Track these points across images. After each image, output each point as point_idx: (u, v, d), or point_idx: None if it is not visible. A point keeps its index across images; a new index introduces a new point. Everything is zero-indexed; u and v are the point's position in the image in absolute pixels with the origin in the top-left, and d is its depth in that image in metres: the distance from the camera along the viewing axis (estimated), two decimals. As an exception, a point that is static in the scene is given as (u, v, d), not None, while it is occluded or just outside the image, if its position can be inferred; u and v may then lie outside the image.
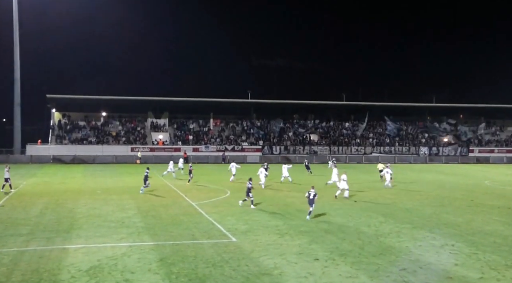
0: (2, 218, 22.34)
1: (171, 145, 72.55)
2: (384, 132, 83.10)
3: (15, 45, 66.75)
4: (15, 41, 66.58)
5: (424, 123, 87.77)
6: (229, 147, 72.65)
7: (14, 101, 67.98)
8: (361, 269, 14.42)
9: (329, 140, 79.35)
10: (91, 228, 20.09)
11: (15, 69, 67.21)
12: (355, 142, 79.50)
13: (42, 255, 15.71)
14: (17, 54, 67.06)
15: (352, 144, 78.59)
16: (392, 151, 77.61)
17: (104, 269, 14.23)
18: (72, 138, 70.88)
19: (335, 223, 21.68)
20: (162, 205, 26.62)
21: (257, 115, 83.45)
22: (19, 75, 67.47)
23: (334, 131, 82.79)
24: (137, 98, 76.28)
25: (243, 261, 15.23)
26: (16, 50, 66.90)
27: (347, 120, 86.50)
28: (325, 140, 79.43)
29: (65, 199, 28.82)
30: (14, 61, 67.13)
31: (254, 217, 23.11)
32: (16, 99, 67.78)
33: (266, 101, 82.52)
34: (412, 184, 39.57)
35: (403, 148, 78.47)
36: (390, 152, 77.01)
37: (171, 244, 17.41)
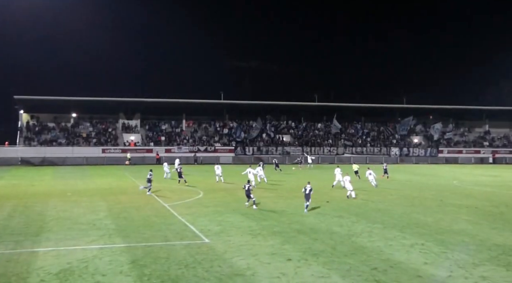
0: (-32, 221, 21.79)
1: (143, 146, 71.90)
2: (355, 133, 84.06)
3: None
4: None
5: (395, 124, 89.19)
6: (202, 147, 72.44)
7: (-19, 102, 66.40)
8: (333, 269, 14.57)
9: (301, 141, 79.87)
10: (61, 231, 19.75)
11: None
12: (327, 142, 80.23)
13: (9, 259, 15.38)
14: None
15: (325, 144, 79.30)
16: (364, 151, 78.62)
17: (75, 272, 14.01)
18: (41, 140, 69.55)
19: (308, 224, 21.82)
20: (134, 206, 26.36)
21: (230, 116, 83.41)
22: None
23: (306, 132, 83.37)
24: (108, 99, 75.32)
25: (216, 262, 15.21)
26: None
27: (320, 121, 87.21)
28: (297, 141, 79.92)
29: (34, 201, 28.26)
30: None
31: (227, 218, 23.10)
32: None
33: (239, 102, 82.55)
34: (384, 184, 40.11)
35: (375, 149, 79.59)
36: (362, 153, 77.99)
37: (143, 246, 17.26)
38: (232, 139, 76.79)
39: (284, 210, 25.73)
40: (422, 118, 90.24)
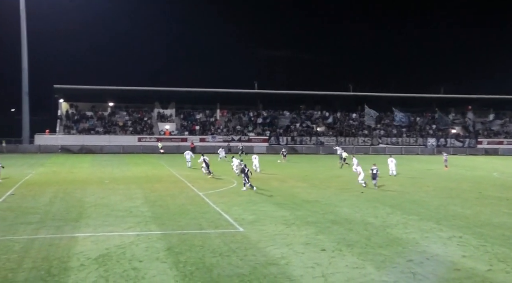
0: (13, 206, 22.57)
1: (178, 135, 72.71)
2: (391, 123, 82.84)
3: (22, 35, 66.96)
4: (22, 30, 66.76)
5: (432, 114, 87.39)
6: (236, 137, 72.72)
7: (22, 91, 68.35)
8: (368, 260, 14.46)
9: (336, 131, 79.22)
10: (100, 217, 20.23)
11: (23, 59, 67.49)
12: (362, 133, 79.34)
13: (51, 243, 15.87)
14: (25, 44, 67.30)
15: (359, 135, 78.46)
16: (400, 142, 77.43)
17: (113, 258, 14.35)
18: (80, 128, 71.23)
19: (342, 214, 21.70)
20: (169, 194, 26.75)
21: (263, 106, 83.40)
22: (26, 64, 67.75)
23: (341, 122, 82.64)
24: (144, 88, 76.35)
25: (250, 251, 15.30)
26: (23, 40, 67.10)
27: (354, 111, 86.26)
28: (332, 131, 79.31)
29: (74, 188, 29.02)
30: (22, 50, 67.39)
31: (261, 207, 23.18)
32: (24, 89, 68.15)
33: (272, 91, 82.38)
34: (419, 175, 39.49)
35: (411, 139, 78.26)
36: (397, 143, 76.84)
37: (178, 234, 17.51)
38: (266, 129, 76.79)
39: (318, 200, 25.65)
40: (461, 109, 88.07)
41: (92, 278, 12.56)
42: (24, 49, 67.29)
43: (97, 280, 12.46)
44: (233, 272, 13.21)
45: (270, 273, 13.22)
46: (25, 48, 67.39)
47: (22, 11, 66.22)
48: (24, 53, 67.40)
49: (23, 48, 67.28)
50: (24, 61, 67.49)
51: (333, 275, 13.05)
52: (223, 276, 12.87)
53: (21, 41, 67.18)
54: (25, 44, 67.28)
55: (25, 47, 67.29)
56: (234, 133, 74.66)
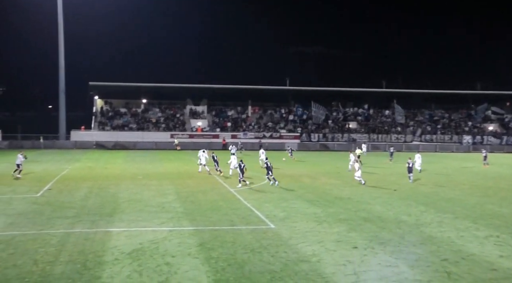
0: (50, 200, 23.17)
1: (209, 131, 73.20)
2: (425, 120, 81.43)
3: (60, 33, 68.47)
4: (59, 29, 68.27)
5: (468, 111, 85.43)
6: (267, 133, 72.75)
7: (59, 88, 69.99)
8: (401, 259, 14.25)
9: (368, 128, 78.33)
10: (133, 212, 20.56)
11: (60, 57, 69.05)
12: (395, 129, 78.21)
13: (87, 237, 16.22)
14: (62, 42, 68.82)
15: (392, 131, 77.36)
16: (434, 139, 76.01)
17: (146, 252, 14.56)
18: (114, 124, 72.49)
19: (375, 212, 21.46)
20: (200, 190, 26.96)
21: (295, 103, 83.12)
22: (63, 62, 69.27)
23: (373, 119, 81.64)
24: (176, 85, 77.09)
25: (282, 248, 15.30)
26: (60, 38, 68.63)
27: (387, 108, 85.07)
28: (364, 128, 78.45)
29: (108, 183, 29.57)
30: (59, 49, 68.96)
31: (292, 204, 23.14)
32: (61, 86, 69.76)
33: (304, 88, 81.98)
34: (455, 173, 38.68)
35: (445, 136, 76.72)
36: (431, 140, 75.44)
37: (210, 229, 17.64)
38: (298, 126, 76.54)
39: (350, 197, 25.43)
40: (498, 105, 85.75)
41: (126, 272, 12.78)
42: (61, 47, 68.82)
43: (131, 274, 12.67)
44: (264, 269, 13.23)
45: (302, 270, 13.19)
46: (62, 47, 68.91)
47: (60, 11, 67.72)
48: (61, 52, 68.94)
49: (60, 47, 68.83)
50: (61, 59, 69.04)
51: (365, 273, 12.93)
52: (254, 273, 12.91)
53: (58, 40, 68.73)
54: (62, 43, 68.80)
55: (62, 45, 68.82)
56: (266, 130, 74.68)
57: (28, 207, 21.53)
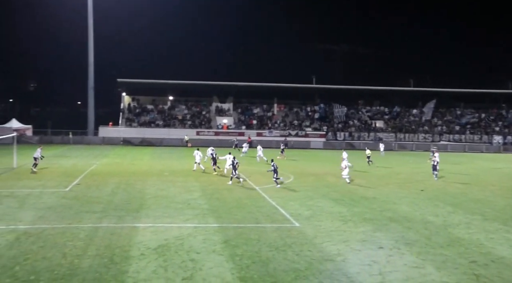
0: (79, 195, 23.60)
1: (235, 129, 73.40)
2: (454, 120, 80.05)
3: (89, 31, 69.50)
4: (89, 27, 69.31)
5: (499, 111, 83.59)
6: (293, 132, 72.57)
7: (88, 85, 71.11)
8: (428, 260, 14.05)
9: (395, 127, 77.41)
10: (159, 208, 20.78)
11: (89, 54, 70.11)
12: (423, 129, 77.09)
13: (114, 232, 16.47)
14: (91, 40, 69.84)
15: (419, 131, 76.28)
16: (463, 139, 74.65)
17: (171, 248, 14.70)
18: (141, 121, 73.32)
19: (401, 212, 21.21)
20: (225, 188, 27.07)
21: (321, 101, 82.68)
22: (92, 59, 70.31)
23: (400, 118, 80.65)
24: (202, 82, 77.49)
25: (306, 246, 15.26)
26: (90, 36, 69.67)
27: (415, 107, 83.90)
28: (391, 127, 77.57)
29: (135, 179, 29.94)
30: (88, 46, 70.02)
31: (317, 202, 23.04)
32: (90, 83, 70.86)
33: (330, 86, 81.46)
34: (484, 174, 37.92)
35: (475, 136, 75.27)
36: (460, 140, 74.12)
37: (235, 227, 17.70)
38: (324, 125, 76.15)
39: (376, 197, 25.19)
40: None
41: (152, 268, 12.93)
42: (90, 45, 69.84)
43: (157, 269, 12.81)
44: (289, 267, 13.22)
45: (326, 269, 13.13)
46: (92, 44, 69.93)
47: (90, 9, 68.73)
48: (91, 49, 69.97)
49: (90, 44, 69.85)
50: (91, 56, 70.09)
51: (391, 274, 12.80)
52: (279, 271, 12.91)
53: (88, 38, 69.75)
54: (92, 40, 69.82)
55: (91, 43, 69.84)
56: (291, 128, 74.50)
57: (57, 201, 21.98)
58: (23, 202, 21.62)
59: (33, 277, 12.09)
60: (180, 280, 12.11)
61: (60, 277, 12.11)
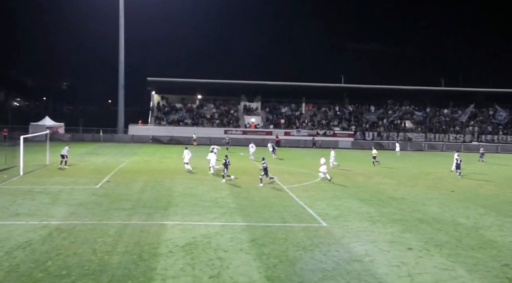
0: (108, 192, 24.00)
1: (263, 128, 73.43)
2: (486, 120, 78.28)
3: (120, 31, 70.47)
4: (120, 27, 70.28)
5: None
6: (321, 131, 72.19)
7: (118, 84, 72.16)
8: (459, 262, 13.80)
9: (425, 127, 76.20)
10: (187, 206, 20.96)
11: (120, 53, 71.09)
12: (454, 129, 75.65)
13: (142, 229, 16.69)
14: (122, 39, 70.80)
15: (450, 131, 74.87)
16: (495, 140, 72.96)
17: (199, 246, 14.82)
18: (170, 120, 74.03)
19: (430, 213, 20.88)
20: (253, 187, 27.10)
21: (350, 100, 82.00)
22: (123, 59, 71.31)
23: (430, 118, 79.34)
24: (230, 82, 77.71)
25: (334, 246, 15.17)
26: (121, 36, 70.65)
27: (446, 107, 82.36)
28: (420, 127, 76.39)
29: (163, 177, 30.25)
30: (119, 45, 71.01)
31: (345, 202, 22.88)
32: (120, 82, 71.89)
33: (359, 86, 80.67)
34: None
35: (508, 137, 73.46)
36: (492, 141, 72.46)
37: (262, 226, 17.72)
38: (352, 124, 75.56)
39: (405, 197, 24.86)
40: None
41: (180, 265, 13.06)
42: (121, 44, 70.78)
43: (184, 267, 12.93)
44: (316, 267, 13.17)
45: (354, 269, 13.04)
46: (122, 44, 70.89)
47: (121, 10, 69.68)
48: (121, 49, 70.92)
49: (121, 44, 70.77)
50: (121, 56, 71.05)
51: (420, 276, 12.62)
52: (306, 270, 12.88)
53: (119, 38, 70.73)
54: (123, 40, 70.78)
55: (122, 42, 70.79)
56: (319, 127, 74.12)
57: (88, 198, 22.40)
58: (55, 198, 22.12)
59: (64, 272, 12.36)
60: (208, 278, 12.19)
61: (91, 272, 12.34)
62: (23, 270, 12.46)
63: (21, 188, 24.47)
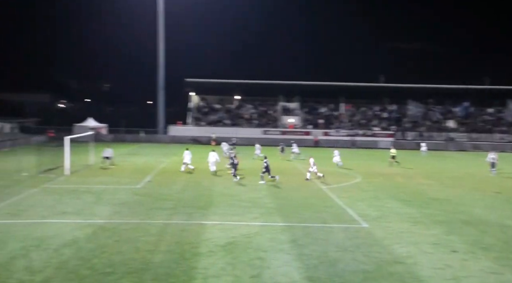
0: (150, 192, 24.43)
1: (301, 128, 73.14)
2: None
3: (160, 33, 71.58)
4: (159, 29, 71.39)
5: None
6: (360, 131, 71.31)
7: (158, 85, 73.34)
8: (507, 266, 13.37)
9: (468, 127, 74.16)
10: (226, 206, 21.10)
11: (159, 55, 72.22)
12: (499, 129, 73.29)
13: (183, 229, 16.90)
14: (161, 41, 71.90)
15: (496, 131, 72.57)
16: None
17: (239, 246, 14.89)
18: (209, 120, 74.70)
19: (476, 214, 20.33)
20: (292, 187, 27.04)
21: (390, 100, 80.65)
22: (162, 60, 72.43)
23: (474, 118, 77.15)
24: (268, 82, 77.62)
25: (375, 248, 14.97)
26: (160, 37, 71.76)
27: (490, 106, 79.87)
28: (463, 126, 74.39)
29: (202, 177, 30.55)
30: (159, 47, 72.15)
31: (386, 203, 22.54)
32: (160, 83, 73.05)
33: (399, 85, 79.12)
34: None
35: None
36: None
37: (302, 226, 17.66)
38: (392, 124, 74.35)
39: (448, 198, 24.28)
40: None
41: (220, 265, 13.16)
42: (161, 46, 71.90)
43: (225, 266, 13.02)
44: (357, 268, 13.03)
45: (396, 271, 12.83)
46: (162, 45, 71.98)
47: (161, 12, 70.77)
48: (161, 50, 72.01)
49: (160, 46, 71.90)
50: (161, 57, 72.18)
51: (466, 279, 12.31)
52: (347, 272, 12.75)
53: (158, 39, 71.87)
54: (162, 42, 71.87)
55: (161, 44, 71.88)
56: (358, 127, 73.25)
57: (130, 197, 22.86)
58: (99, 197, 22.67)
59: (109, 269, 12.65)
60: (248, 278, 12.24)
61: (134, 271, 12.59)
62: (70, 267, 12.83)
63: (67, 187, 25.21)
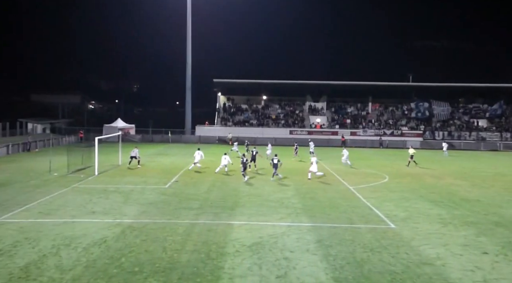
0: (177, 192, 24.65)
1: (328, 128, 72.75)
2: None
3: (188, 34, 72.21)
4: (187, 30, 72.01)
5: None
6: (388, 131, 70.53)
7: (186, 86, 73.98)
8: (539, 269, 13.04)
9: (499, 126, 72.53)
10: (253, 207, 21.13)
11: (187, 56, 72.87)
12: (532, 128, 71.47)
13: (210, 229, 17.01)
14: (189, 42, 72.53)
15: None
16: None
17: (265, 246, 14.90)
18: (235, 120, 74.95)
19: (507, 216, 19.86)
20: (319, 187, 26.92)
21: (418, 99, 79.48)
22: (190, 61, 73.03)
23: (506, 117, 75.41)
24: (295, 82, 77.48)
25: (403, 249, 14.78)
26: (188, 39, 72.39)
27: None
28: (495, 126, 72.79)
29: (229, 177, 30.67)
30: (186, 48, 72.78)
31: (414, 204, 22.24)
32: (187, 84, 73.69)
33: (428, 84, 78.04)
34: None
35: None
36: None
37: (328, 227, 17.57)
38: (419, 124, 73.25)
39: (479, 199, 23.79)
40: None
41: (247, 265, 13.19)
42: (188, 47, 72.52)
43: (251, 267, 13.05)
44: (384, 269, 12.89)
45: (425, 273, 12.65)
46: (190, 47, 72.60)
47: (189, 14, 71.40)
48: (189, 51, 72.66)
49: (188, 47, 72.52)
50: (189, 58, 72.83)
51: (497, 281, 12.06)
52: (374, 272, 12.63)
53: (187, 41, 72.50)
54: (190, 43, 72.50)
55: (189, 45, 72.52)
56: (386, 127, 72.45)
57: (157, 197, 23.12)
58: (127, 197, 23.00)
59: (137, 268, 12.83)
60: (274, 278, 12.24)
61: (161, 270, 12.73)
62: (99, 265, 13.05)
63: (96, 187, 25.65)
